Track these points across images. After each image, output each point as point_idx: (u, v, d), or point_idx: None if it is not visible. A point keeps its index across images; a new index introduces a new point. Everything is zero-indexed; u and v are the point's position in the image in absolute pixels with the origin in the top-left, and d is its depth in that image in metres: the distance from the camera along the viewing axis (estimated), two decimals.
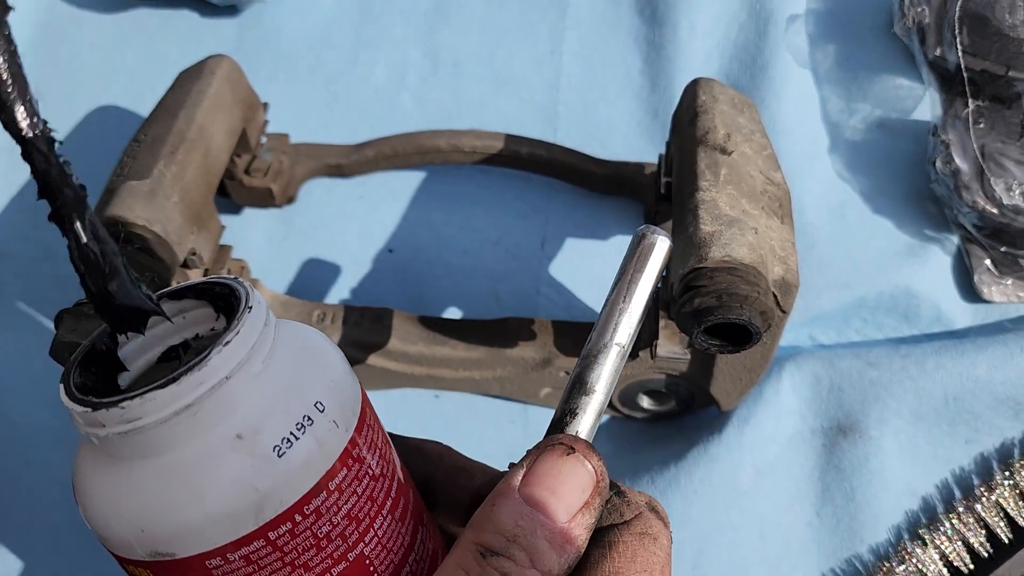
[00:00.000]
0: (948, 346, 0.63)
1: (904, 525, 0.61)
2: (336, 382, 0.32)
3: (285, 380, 0.31)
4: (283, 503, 0.30)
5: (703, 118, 0.55)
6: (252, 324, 0.30)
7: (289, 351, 0.31)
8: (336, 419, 0.32)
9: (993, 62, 0.65)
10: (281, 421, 0.30)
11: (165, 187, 0.54)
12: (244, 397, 0.29)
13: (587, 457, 0.31)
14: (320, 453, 0.31)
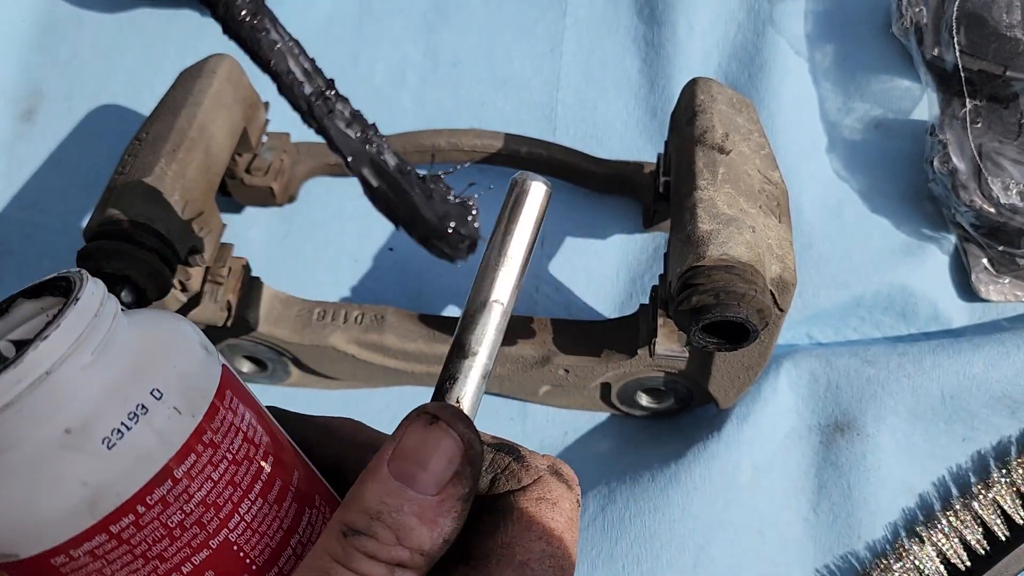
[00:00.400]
0: (945, 344, 0.63)
1: (901, 522, 0.61)
2: (181, 368, 0.32)
3: (120, 370, 0.30)
4: (120, 496, 0.30)
5: (701, 117, 0.56)
6: (77, 316, 0.29)
7: (132, 341, 0.31)
8: (178, 405, 0.31)
9: (990, 62, 0.66)
10: (112, 412, 0.30)
11: (166, 185, 0.54)
12: (72, 390, 0.29)
13: (452, 425, 0.29)
14: (158, 441, 0.30)
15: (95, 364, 0.30)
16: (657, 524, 0.60)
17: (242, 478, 0.32)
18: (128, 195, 0.53)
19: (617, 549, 0.59)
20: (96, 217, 0.53)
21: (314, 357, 0.64)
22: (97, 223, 0.52)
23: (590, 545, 0.60)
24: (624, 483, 0.62)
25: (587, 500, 0.62)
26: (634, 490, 0.61)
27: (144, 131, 0.58)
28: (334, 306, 0.64)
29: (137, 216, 0.52)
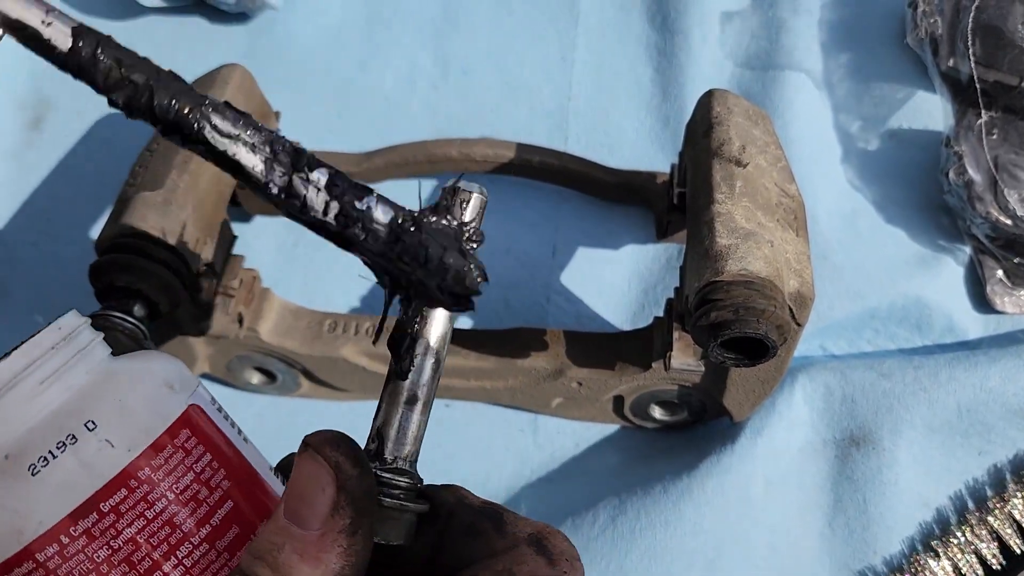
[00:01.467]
0: (961, 357, 0.63)
1: (917, 537, 0.61)
2: (126, 402, 0.32)
3: (64, 401, 0.31)
4: (43, 524, 0.30)
5: (718, 130, 0.55)
6: (28, 350, 0.31)
7: (89, 375, 0.32)
8: (111, 438, 0.31)
9: (1006, 73, 0.65)
10: (44, 441, 0.30)
11: (178, 197, 0.54)
12: (15, 417, 0.30)
13: (319, 451, 0.27)
14: (82, 472, 0.31)
15: (41, 394, 0.31)
16: (668, 538, 0.59)
17: (184, 520, 0.31)
18: (140, 207, 0.53)
19: (627, 562, 0.59)
20: (108, 230, 0.52)
21: (325, 369, 0.64)
22: (109, 237, 0.52)
23: (600, 557, 0.60)
24: (635, 495, 0.61)
25: (597, 511, 0.61)
26: (645, 502, 0.61)
27: (155, 141, 0.58)
28: (345, 317, 0.64)
29: (149, 229, 0.51)
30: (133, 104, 0.27)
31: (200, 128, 0.28)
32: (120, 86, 0.28)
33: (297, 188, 0.28)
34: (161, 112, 0.27)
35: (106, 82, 0.28)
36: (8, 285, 0.73)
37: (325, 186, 0.29)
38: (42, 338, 0.32)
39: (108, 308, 0.50)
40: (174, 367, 0.34)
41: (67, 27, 0.28)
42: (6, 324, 0.71)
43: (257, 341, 0.61)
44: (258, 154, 0.28)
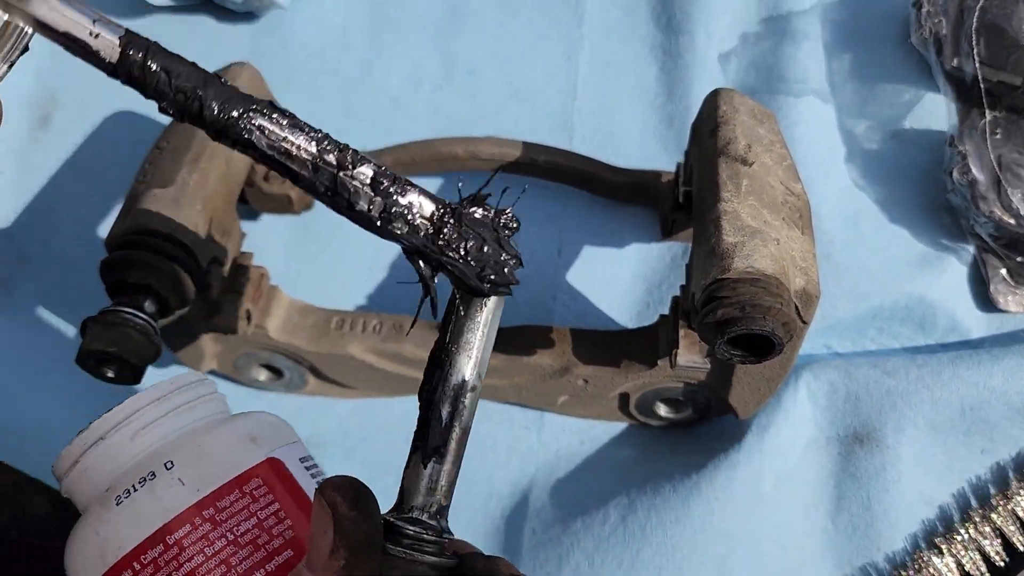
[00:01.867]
0: (964, 356, 0.63)
1: (920, 534, 0.61)
2: (204, 448, 0.36)
3: (157, 444, 0.37)
4: (121, 549, 0.34)
5: (724, 129, 0.56)
6: (136, 400, 0.38)
7: (187, 424, 0.38)
8: (184, 478, 0.35)
9: (1010, 73, 0.66)
10: (133, 476, 0.35)
11: (188, 195, 0.54)
12: (116, 456, 0.36)
13: (322, 493, 0.29)
14: (155, 506, 0.35)
15: (139, 436, 0.37)
16: (679, 535, 0.60)
17: (240, 562, 0.34)
18: (151, 204, 0.53)
19: (639, 560, 0.59)
20: (119, 226, 0.53)
21: (332, 366, 0.64)
22: (120, 234, 0.52)
23: (611, 556, 0.60)
24: (645, 493, 0.62)
25: (607, 509, 0.62)
26: (655, 500, 0.61)
27: (164, 139, 0.58)
28: (352, 315, 0.64)
29: (160, 226, 0.52)
30: (183, 112, 0.29)
31: (248, 133, 0.29)
32: (169, 95, 0.28)
33: (343, 186, 0.30)
34: (211, 119, 0.28)
35: (156, 91, 0.28)
36: (15, 282, 0.73)
37: (370, 183, 0.30)
38: (144, 396, 0.38)
39: (119, 304, 0.50)
40: (267, 424, 0.39)
41: (115, 37, 0.29)
42: (13, 321, 0.71)
43: (265, 338, 0.62)
44: (305, 154, 0.29)
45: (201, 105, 0.29)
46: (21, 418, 0.68)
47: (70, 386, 0.68)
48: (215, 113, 0.29)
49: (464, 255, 0.30)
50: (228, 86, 0.29)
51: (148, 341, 0.49)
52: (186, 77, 0.29)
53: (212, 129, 0.30)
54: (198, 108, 0.29)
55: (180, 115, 0.30)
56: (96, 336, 0.48)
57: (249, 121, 0.29)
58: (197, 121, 0.29)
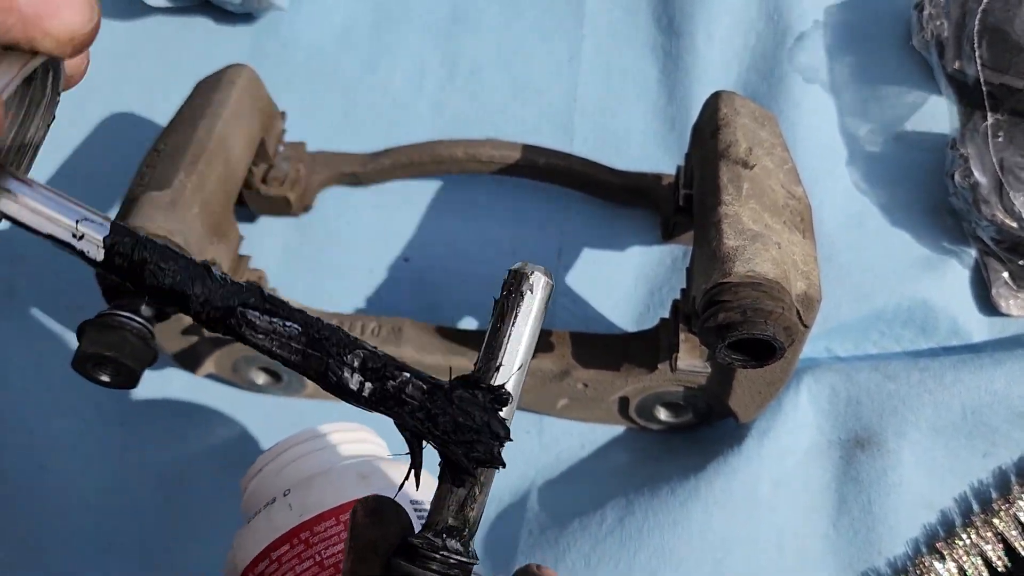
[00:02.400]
0: (966, 360, 0.63)
1: (922, 538, 0.61)
2: (314, 479, 0.43)
3: (286, 476, 0.44)
4: (244, 560, 0.41)
5: (725, 132, 0.55)
6: (285, 442, 0.48)
7: (324, 463, 0.45)
8: (293, 503, 0.41)
9: (1012, 76, 0.65)
10: (267, 499, 0.42)
11: (186, 197, 0.54)
12: (269, 485, 0.44)
13: (352, 516, 0.33)
14: (268, 526, 0.41)
15: (284, 471, 0.46)
16: (676, 538, 0.59)
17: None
18: (147, 207, 0.53)
19: (636, 562, 0.59)
20: None
21: None
22: None
23: (608, 557, 0.60)
24: (643, 496, 0.61)
25: (605, 512, 0.61)
26: (653, 503, 0.61)
27: (162, 142, 0.58)
28: (350, 317, 0.64)
29: (157, 229, 0.51)
30: (170, 307, 0.30)
31: (238, 327, 0.29)
32: (155, 291, 0.29)
33: (333, 372, 0.30)
34: (199, 319, 0.29)
35: (143, 287, 0.29)
36: (15, 285, 0.73)
37: (359, 368, 0.30)
38: (290, 440, 0.47)
39: (116, 307, 0.50)
40: (382, 471, 0.45)
41: (99, 236, 0.29)
42: (13, 324, 0.71)
43: None
44: (295, 343, 0.30)
45: (188, 305, 0.29)
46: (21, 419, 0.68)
47: (67, 385, 0.68)
48: (202, 315, 0.30)
49: (452, 434, 0.31)
50: (218, 279, 0.30)
51: (145, 345, 0.49)
52: (172, 274, 0.29)
53: (199, 322, 0.30)
54: (185, 308, 0.29)
55: (168, 307, 0.31)
56: (93, 340, 0.48)
57: (236, 316, 0.30)
58: (185, 313, 0.30)
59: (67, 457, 0.67)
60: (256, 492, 0.46)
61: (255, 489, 0.46)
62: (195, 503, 0.65)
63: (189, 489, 0.65)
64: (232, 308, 0.29)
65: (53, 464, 0.67)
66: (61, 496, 0.66)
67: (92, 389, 0.63)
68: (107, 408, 0.68)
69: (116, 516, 0.65)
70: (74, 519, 0.65)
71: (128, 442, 0.67)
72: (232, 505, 0.54)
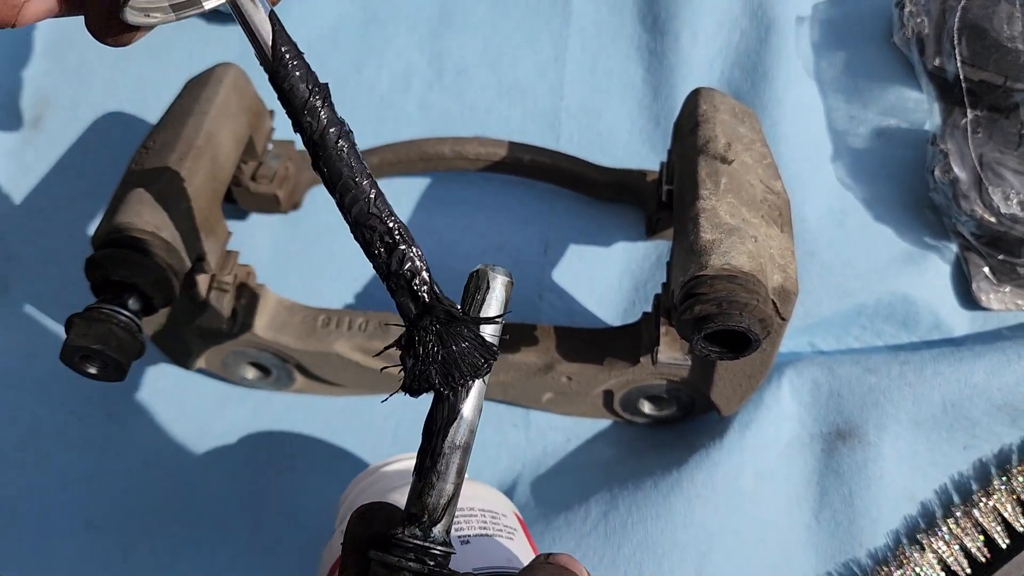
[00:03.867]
0: (946, 353, 0.63)
1: (903, 530, 0.61)
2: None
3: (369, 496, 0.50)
4: (321, 572, 0.47)
5: (704, 127, 0.56)
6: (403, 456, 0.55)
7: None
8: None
9: (991, 72, 0.66)
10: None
11: (174, 194, 0.55)
12: (358, 500, 0.52)
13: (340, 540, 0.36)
14: (328, 553, 0.46)
15: (370, 490, 0.52)
16: (659, 531, 0.60)
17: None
18: (135, 203, 0.53)
19: (619, 556, 0.60)
20: (104, 225, 0.53)
21: (319, 364, 0.65)
22: (105, 232, 0.52)
23: (592, 551, 0.60)
24: (627, 489, 0.62)
25: (589, 506, 0.62)
26: (636, 497, 0.61)
27: (151, 139, 0.59)
28: (339, 313, 0.64)
29: (144, 224, 0.52)
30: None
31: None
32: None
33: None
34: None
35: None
36: (7, 282, 0.73)
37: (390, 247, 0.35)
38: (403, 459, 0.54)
39: (104, 301, 0.51)
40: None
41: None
42: (6, 319, 0.72)
43: (252, 336, 0.62)
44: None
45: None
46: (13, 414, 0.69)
47: (58, 381, 0.69)
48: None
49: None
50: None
51: (132, 338, 0.50)
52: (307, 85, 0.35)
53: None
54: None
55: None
56: (80, 332, 0.49)
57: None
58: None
59: (50, 443, 0.67)
60: (350, 508, 0.49)
61: (349, 506, 0.50)
62: (179, 490, 0.65)
63: (173, 477, 0.66)
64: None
65: (34, 445, 0.67)
66: (40, 475, 0.66)
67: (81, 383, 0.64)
68: (95, 401, 0.69)
69: (96, 497, 0.65)
70: (52, 496, 0.65)
71: (112, 432, 0.68)
72: (217, 491, 0.55)
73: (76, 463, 0.67)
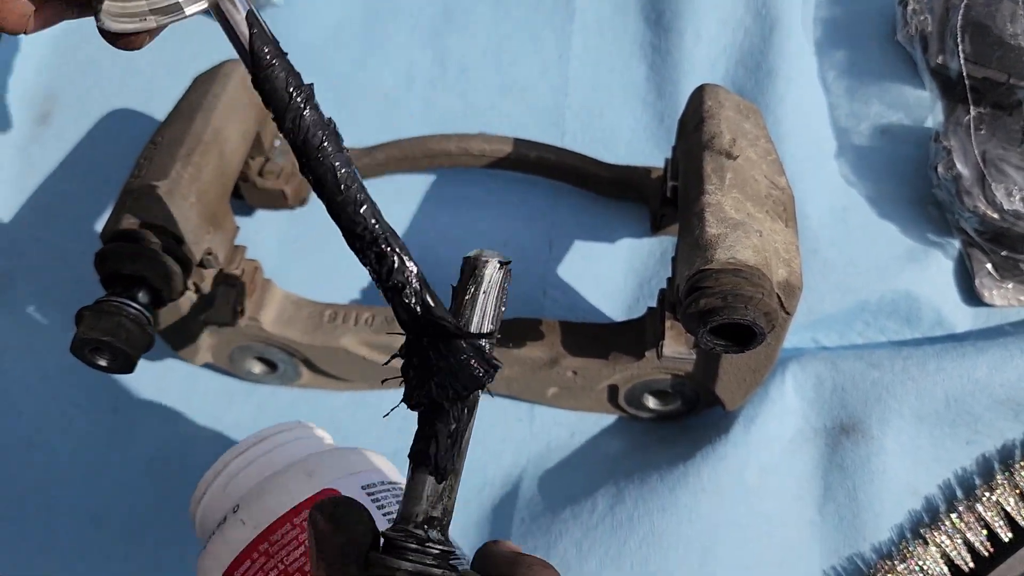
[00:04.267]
0: (949, 348, 0.64)
1: (906, 524, 0.62)
2: (264, 487, 0.41)
3: (232, 492, 0.43)
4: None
5: (709, 123, 0.56)
6: (226, 456, 0.46)
7: (264, 470, 0.44)
8: (245, 518, 0.40)
9: (994, 70, 0.67)
10: (218, 518, 0.42)
11: (182, 188, 0.55)
12: (216, 506, 0.43)
13: (310, 512, 0.32)
14: (225, 546, 0.40)
15: (229, 488, 0.44)
16: (665, 524, 0.60)
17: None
18: (144, 198, 0.54)
19: (625, 549, 0.60)
20: (113, 219, 0.54)
21: (325, 358, 0.65)
22: (114, 226, 0.53)
23: (598, 544, 0.61)
24: (632, 483, 0.62)
25: (595, 499, 0.62)
26: (642, 490, 0.62)
27: (159, 135, 0.59)
28: (345, 308, 0.65)
29: (153, 219, 0.53)
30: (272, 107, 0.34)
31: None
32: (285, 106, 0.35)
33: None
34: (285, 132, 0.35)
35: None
36: (13, 277, 0.74)
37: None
38: (237, 448, 0.46)
39: (113, 294, 0.51)
40: (329, 458, 0.43)
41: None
42: (12, 316, 0.72)
43: (258, 331, 0.63)
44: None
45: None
46: (18, 410, 0.69)
47: (64, 377, 0.69)
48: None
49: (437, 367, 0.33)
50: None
51: (141, 331, 0.50)
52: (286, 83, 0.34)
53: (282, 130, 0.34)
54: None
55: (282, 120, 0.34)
56: (90, 325, 0.49)
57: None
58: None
59: (56, 437, 0.68)
60: (206, 515, 0.45)
61: (204, 513, 0.45)
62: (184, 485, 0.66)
63: (179, 472, 0.66)
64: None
65: (40, 441, 0.68)
66: (46, 470, 0.66)
67: (87, 378, 0.64)
68: (101, 396, 0.69)
69: (102, 493, 0.66)
70: (58, 492, 0.66)
71: (118, 427, 0.68)
72: None
73: (82, 457, 0.67)
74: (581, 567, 0.59)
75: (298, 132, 0.33)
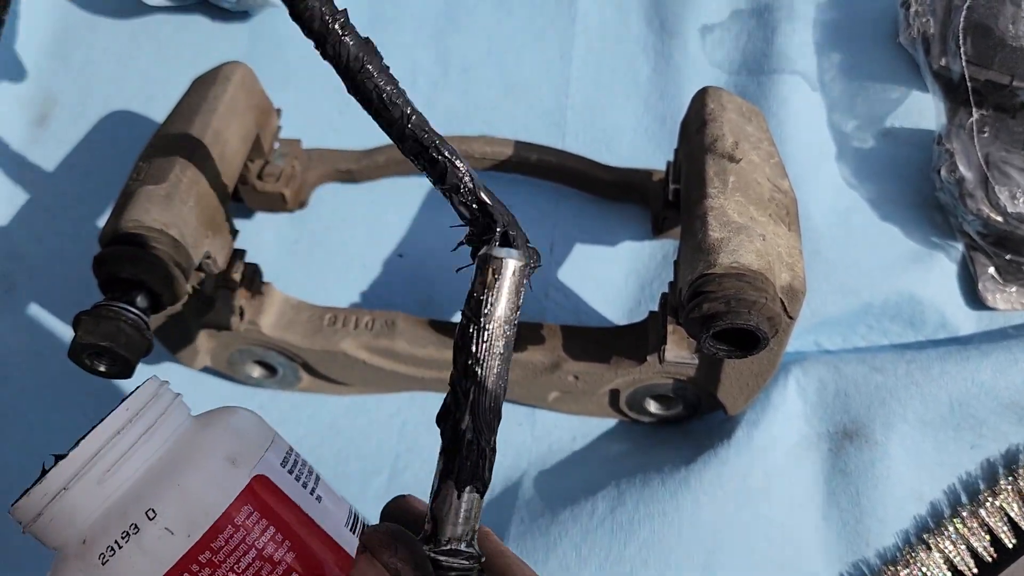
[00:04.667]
0: (953, 352, 0.63)
1: (910, 529, 0.61)
2: (185, 486, 0.32)
3: (128, 487, 0.32)
4: None
5: (711, 126, 0.56)
6: (95, 437, 0.32)
7: (153, 454, 0.33)
8: (171, 526, 0.32)
9: (997, 72, 0.66)
10: (111, 530, 0.31)
11: (181, 191, 0.55)
12: (84, 506, 0.31)
13: (377, 556, 0.30)
14: (146, 562, 0.31)
15: (107, 481, 0.32)
16: (666, 528, 0.60)
17: None
18: (143, 201, 0.53)
19: (626, 552, 0.60)
20: (111, 223, 0.53)
21: (325, 362, 0.65)
22: (112, 229, 0.53)
23: (598, 547, 0.60)
24: (634, 486, 0.62)
25: (596, 501, 0.62)
26: (644, 493, 0.61)
27: (159, 137, 0.59)
28: (345, 311, 0.64)
29: (152, 222, 0.52)
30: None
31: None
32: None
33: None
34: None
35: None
36: (14, 280, 0.74)
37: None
38: (102, 430, 0.33)
39: (111, 299, 0.51)
40: (240, 435, 0.34)
41: None
42: (13, 318, 0.72)
43: (258, 334, 0.62)
44: None
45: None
46: (20, 413, 0.69)
47: (65, 379, 0.69)
48: None
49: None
50: None
51: (140, 336, 0.50)
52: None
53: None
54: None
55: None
56: (88, 330, 0.49)
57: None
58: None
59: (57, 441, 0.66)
60: (76, 519, 0.32)
61: (64, 516, 0.32)
62: None
63: None
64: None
65: (41, 443, 0.67)
66: None
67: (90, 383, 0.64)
68: (102, 399, 0.69)
69: None
70: None
71: None
72: None
73: None
74: (580, 571, 0.59)
75: (340, 57, 0.36)
